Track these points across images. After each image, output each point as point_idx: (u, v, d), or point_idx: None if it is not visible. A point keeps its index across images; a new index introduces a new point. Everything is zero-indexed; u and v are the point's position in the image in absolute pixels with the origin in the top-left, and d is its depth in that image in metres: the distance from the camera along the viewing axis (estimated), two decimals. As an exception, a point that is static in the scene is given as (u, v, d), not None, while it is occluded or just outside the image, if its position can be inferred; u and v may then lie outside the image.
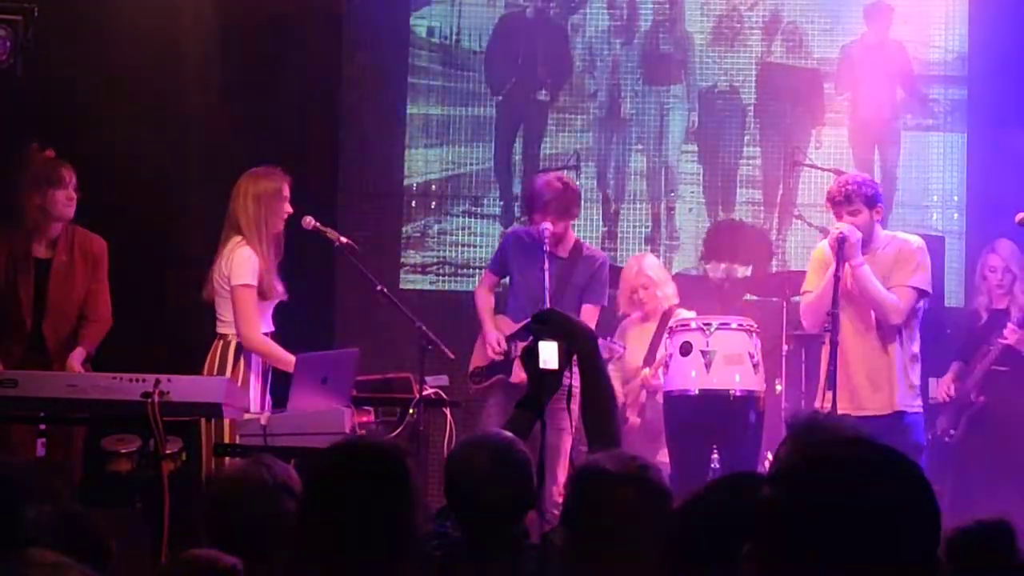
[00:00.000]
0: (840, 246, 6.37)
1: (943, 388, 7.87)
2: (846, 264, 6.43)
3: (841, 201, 6.49)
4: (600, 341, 7.20)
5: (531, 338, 3.76)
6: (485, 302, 7.38)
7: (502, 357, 7.15)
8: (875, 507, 1.89)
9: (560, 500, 6.71)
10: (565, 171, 9.08)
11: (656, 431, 7.12)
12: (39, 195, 6.48)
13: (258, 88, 8.59)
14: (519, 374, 7.08)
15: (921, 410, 6.60)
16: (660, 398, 7.17)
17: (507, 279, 7.51)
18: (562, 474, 6.75)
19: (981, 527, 2.83)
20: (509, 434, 3.67)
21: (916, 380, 6.62)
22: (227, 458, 5.82)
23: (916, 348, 6.63)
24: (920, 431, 6.63)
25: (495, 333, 7.19)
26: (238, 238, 6.32)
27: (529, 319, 7.03)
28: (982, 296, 7.94)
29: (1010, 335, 7.54)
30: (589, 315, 7.06)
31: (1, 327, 6.56)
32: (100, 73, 8.15)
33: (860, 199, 6.48)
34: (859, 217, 6.48)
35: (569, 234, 7.33)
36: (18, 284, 6.49)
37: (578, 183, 9.31)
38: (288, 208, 6.41)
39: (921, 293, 6.57)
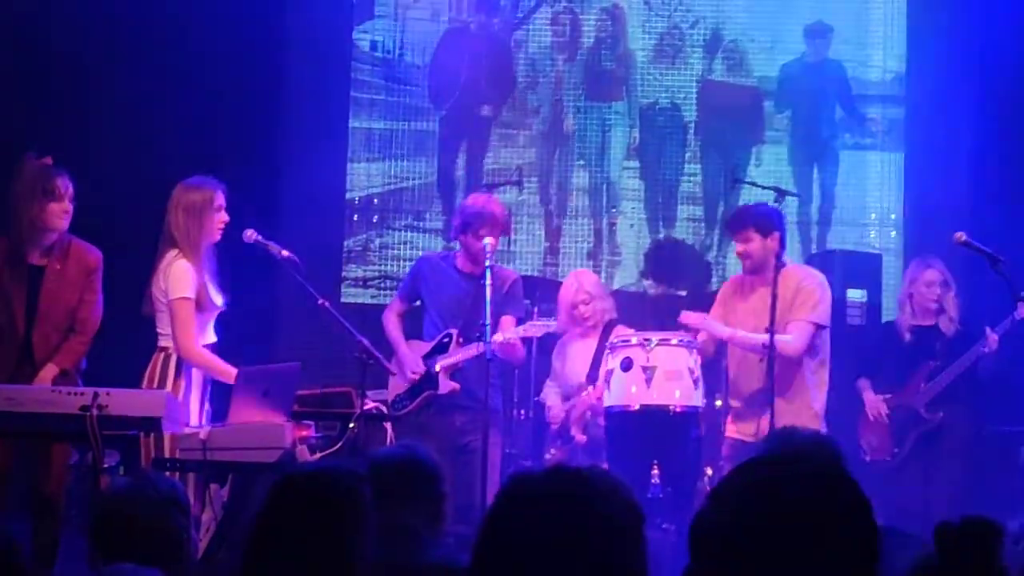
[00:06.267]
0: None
1: (873, 406, 7.66)
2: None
3: (733, 226, 7.02)
4: (532, 321, 7.26)
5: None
6: (396, 327, 7.33)
7: (420, 377, 7.14)
8: (813, 526, 1.90)
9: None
10: (508, 186, 9.11)
11: (599, 447, 7.14)
12: (33, 205, 6.33)
13: (200, 99, 8.56)
14: (447, 384, 7.09)
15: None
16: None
17: (417, 304, 7.46)
18: (495, 484, 6.77)
19: (970, 522, 2.86)
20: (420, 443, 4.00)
21: (818, 407, 6.88)
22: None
23: (821, 376, 6.91)
24: None
25: (411, 356, 7.18)
26: (174, 251, 6.27)
27: (443, 334, 7.11)
28: (905, 314, 7.72)
29: (992, 343, 7.31)
30: (507, 324, 7.08)
31: None
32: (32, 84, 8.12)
33: (752, 226, 6.83)
34: (751, 244, 6.85)
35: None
36: (11, 290, 6.38)
37: (521, 198, 9.36)
38: (224, 217, 6.34)
39: (819, 327, 6.86)
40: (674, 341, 6.90)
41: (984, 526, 2.83)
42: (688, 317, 7.04)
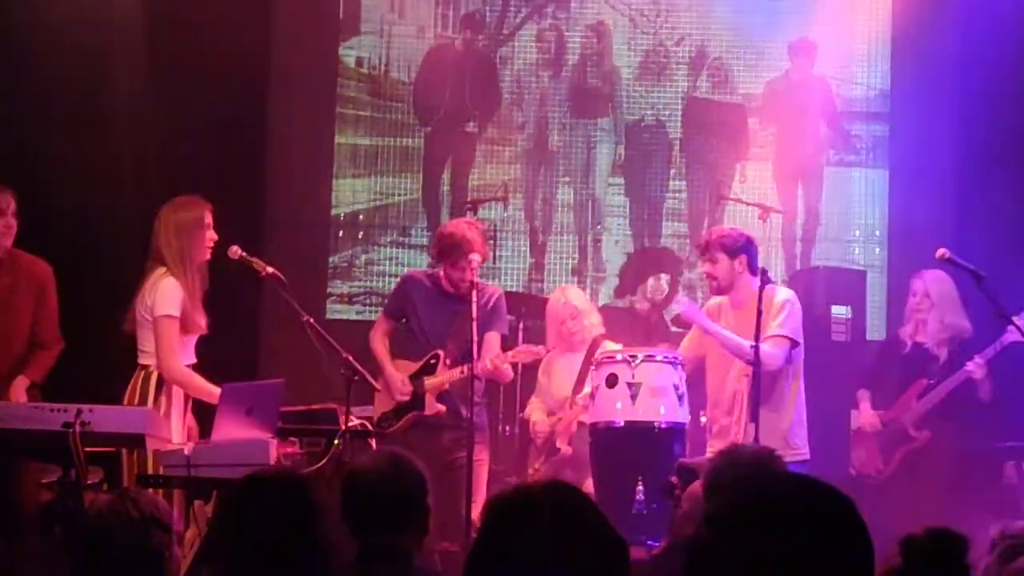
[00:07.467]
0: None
1: (868, 419, 7.67)
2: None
3: (701, 248, 6.96)
4: (520, 347, 7.27)
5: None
6: (382, 346, 7.29)
7: (409, 398, 7.11)
8: (810, 546, 1.89)
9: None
10: (493, 203, 9.12)
11: (584, 461, 7.13)
12: None
13: (185, 115, 8.54)
14: (433, 406, 7.07)
15: (799, 459, 6.60)
16: (589, 427, 7.19)
17: (403, 322, 7.42)
18: (480, 501, 6.76)
19: (938, 534, 2.87)
20: (404, 452, 3.94)
21: (796, 419, 6.78)
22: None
23: (796, 390, 6.83)
24: None
25: (398, 376, 7.15)
26: (162, 269, 6.25)
27: (430, 355, 7.09)
28: (908, 325, 7.76)
29: (976, 370, 7.36)
30: (492, 341, 7.08)
31: None
32: (23, 99, 8.10)
33: (718, 248, 6.78)
34: (718, 265, 6.80)
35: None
36: None
37: (506, 215, 9.37)
38: (212, 236, 6.34)
39: (793, 343, 6.76)
40: (659, 357, 6.91)
41: (949, 539, 2.84)
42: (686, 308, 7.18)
